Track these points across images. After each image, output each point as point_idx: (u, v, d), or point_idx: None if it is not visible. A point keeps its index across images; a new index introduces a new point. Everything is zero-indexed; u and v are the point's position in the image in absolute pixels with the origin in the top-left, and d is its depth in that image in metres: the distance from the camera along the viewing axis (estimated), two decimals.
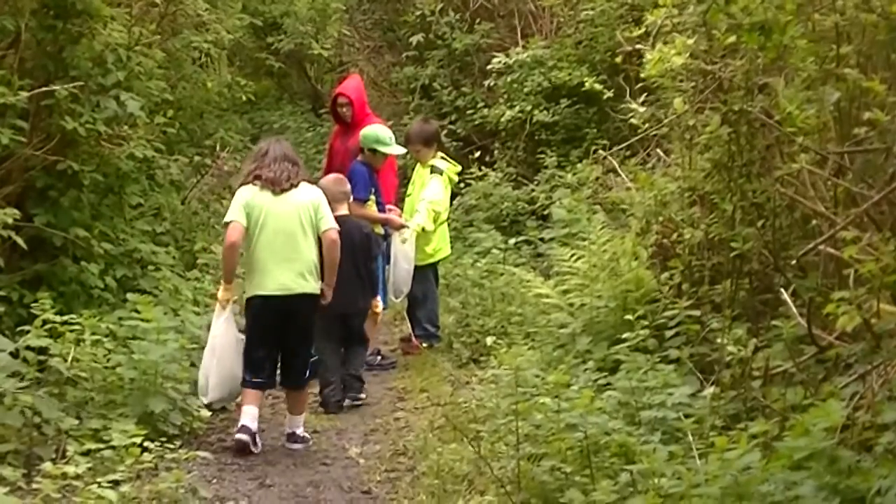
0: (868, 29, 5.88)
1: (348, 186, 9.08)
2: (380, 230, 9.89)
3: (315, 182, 8.38)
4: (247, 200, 7.77)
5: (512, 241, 11.77)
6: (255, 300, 7.79)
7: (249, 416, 7.66)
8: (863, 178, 5.87)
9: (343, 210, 8.76)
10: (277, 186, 7.78)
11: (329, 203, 8.07)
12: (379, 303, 9.47)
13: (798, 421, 4.94)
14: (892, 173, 5.52)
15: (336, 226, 7.98)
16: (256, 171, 7.85)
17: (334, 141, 10.90)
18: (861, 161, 5.97)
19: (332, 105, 11.07)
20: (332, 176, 9.24)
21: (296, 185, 7.84)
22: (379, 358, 10.16)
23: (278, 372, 7.98)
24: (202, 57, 12.82)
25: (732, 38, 6.32)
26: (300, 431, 7.87)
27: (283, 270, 7.73)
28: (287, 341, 7.85)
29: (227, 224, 7.81)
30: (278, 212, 7.76)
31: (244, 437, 7.58)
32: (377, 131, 10.00)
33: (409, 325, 10.53)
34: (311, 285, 7.81)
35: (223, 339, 7.78)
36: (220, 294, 7.87)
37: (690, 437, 5.49)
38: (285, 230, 7.75)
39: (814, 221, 6.37)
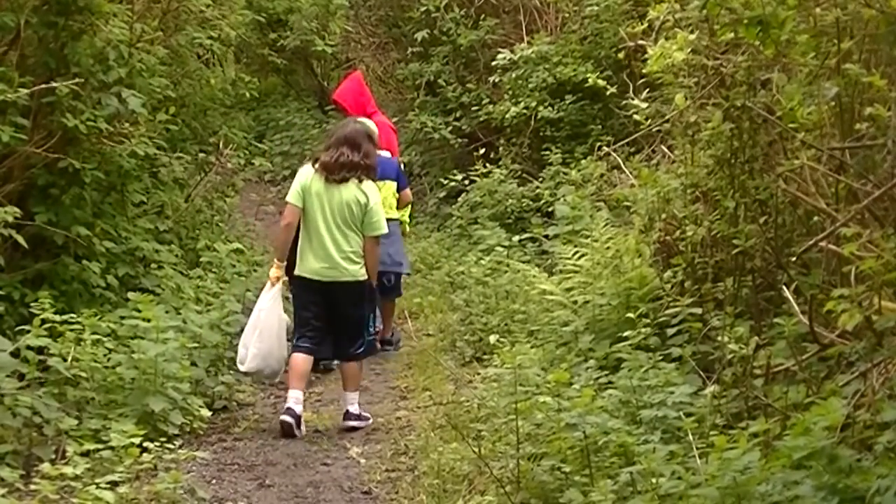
0: (870, 24, 5.82)
1: None
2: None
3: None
4: (302, 183, 8.01)
5: (516, 238, 11.73)
6: (298, 280, 8.09)
7: (293, 399, 7.91)
8: (863, 173, 5.81)
9: None
10: (330, 174, 7.96)
11: None
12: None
13: (799, 420, 4.90)
14: (893, 169, 5.46)
15: (383, 231, 8.12)
16: (319, 153, 8.12)
17: None
18: (861, 157, 5.91)
19: None
20: None
21: (352, 179, 7.94)
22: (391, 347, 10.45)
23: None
24: (207, 53, 12.79)
25: (731, 34, 6.28)
26: (353, 409, 8.07)
27: (325, 257, 7.95)
28: (332, 321, 8.08)
29: (286, 203, 8.13)
30: (326, 202, 7.95)
31: (288, 419, 7.84)
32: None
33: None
34: (353, 271, 7.97)
35: (267, 314, 8.02)
36: (271, 272, 8.12)
37: (690, 437, 5.44)
38: (330, 222, 7.94)
39: (816, 218, 6.32)
